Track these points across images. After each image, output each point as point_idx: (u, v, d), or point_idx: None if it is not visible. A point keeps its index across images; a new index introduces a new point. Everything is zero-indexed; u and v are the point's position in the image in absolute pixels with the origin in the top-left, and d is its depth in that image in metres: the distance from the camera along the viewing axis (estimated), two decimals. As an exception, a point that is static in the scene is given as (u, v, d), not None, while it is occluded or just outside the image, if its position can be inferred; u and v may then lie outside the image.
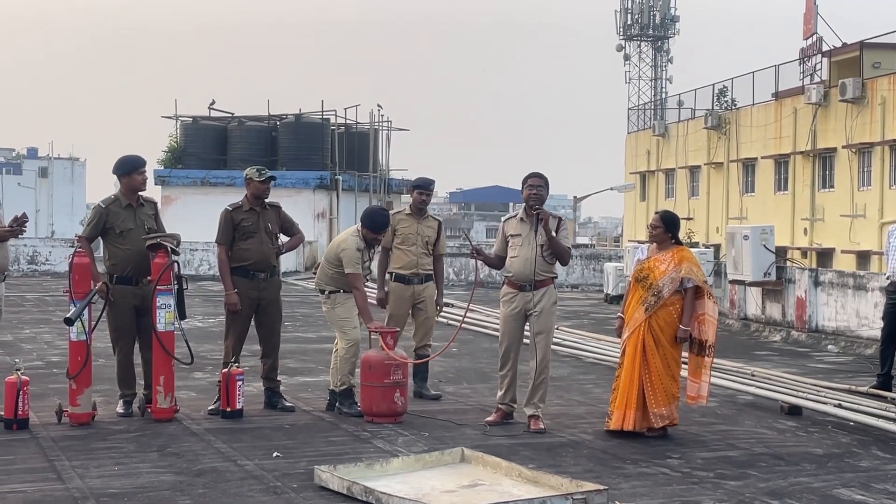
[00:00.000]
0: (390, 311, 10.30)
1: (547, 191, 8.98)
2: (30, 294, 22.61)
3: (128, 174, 9.16)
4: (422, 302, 10.31)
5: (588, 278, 29.09)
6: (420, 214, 10.40)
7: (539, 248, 8.84)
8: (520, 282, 8.93)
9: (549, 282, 9.00)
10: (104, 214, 9.09)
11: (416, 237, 10.25)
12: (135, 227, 9.07)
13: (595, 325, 18.24)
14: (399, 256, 10.26)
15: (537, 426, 8.87)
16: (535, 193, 8.88)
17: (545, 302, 8.94)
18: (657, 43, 63.59)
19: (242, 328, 9.53)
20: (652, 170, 49.54)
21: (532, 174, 9.00)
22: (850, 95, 33.57)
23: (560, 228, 8.96)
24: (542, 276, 8.91)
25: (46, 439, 8.20)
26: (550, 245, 8.85)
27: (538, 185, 8.91)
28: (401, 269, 10.25)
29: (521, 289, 8.92)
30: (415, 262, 10.23)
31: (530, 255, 8.84)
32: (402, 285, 10.25)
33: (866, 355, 14.50)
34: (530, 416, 8.94)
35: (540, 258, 8.86)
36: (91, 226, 9.13)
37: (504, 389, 9.12)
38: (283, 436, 8.51)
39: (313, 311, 18.45)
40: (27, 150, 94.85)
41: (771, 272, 17.25)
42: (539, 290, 8.91)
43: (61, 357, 11.80)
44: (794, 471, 7.67)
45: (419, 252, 10.25)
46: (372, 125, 38.00)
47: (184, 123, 37.80)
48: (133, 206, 9.15)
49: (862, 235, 33.67)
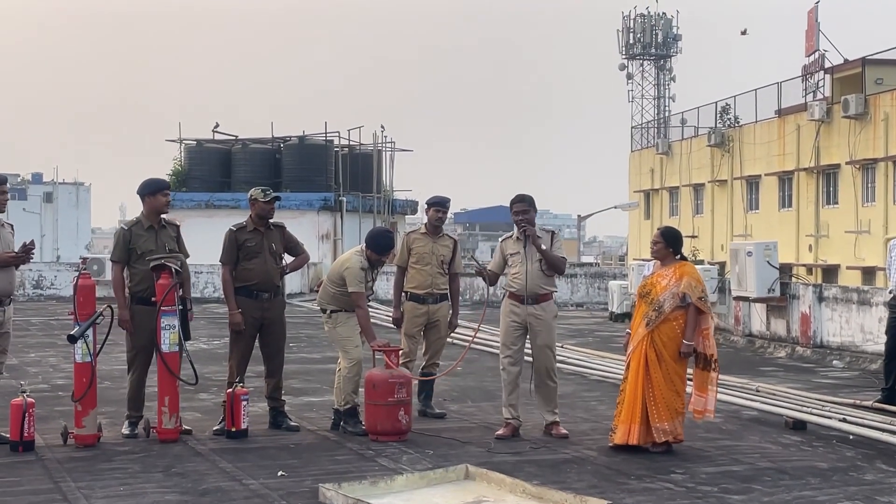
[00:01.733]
0: (404, 331, 10.33)
1: (534, 211, 9.39)
2: (35, 318, 22.66)
3: (151, 194, 9.30)
4: (436, 321, 10.33)
5: (593, 296, 29.10)
6: (436, 233, 10.44)
7: (538, 262, 9.26)
8: (522, 295, 9.26)
9: (550, 296, 9.44)
10: (128, 235, 9.19)
11: (431, 256, 10.29)
12: (156, 248, 9.16)
13: (600, 342, 18.24)
14: (414, 276, 10.30)
15: (560, 432, 9.23)
16: (523, 219, 9.31)
17: (547, 315, 9.36)
18: (660, 61, 63.86)
19: (247, 348, 9.56)
20: (656, 188, 49.63)
21: (516, 199, 9.41)
22: (852, 112, 33.65)
23: (554, 241, 9.38)
24: (543, 289, 9.34)
25: (52, 461, 8.21)
26: (544, 258, 9.22)
27: (524, 209, 9.34)
28: (415, 289, 10.29)
29: (523, 302, 9.28)
30: (430, 281, 10.27)
31: (530, 270, 9.23)
32: (417, 304, 10.28)
33: (871, 370, 14.48)
34: (551, 423, 9.33)
35: (539, 272, 9.28)
36: (119, 248, 9.22)
37: (511, 403, 9.35)
38: (287, 455, 8.53)
39: (317, 332, 18.45)
40: (32, 176, 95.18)
41: (775, 288, 17.25)
42: (540, 304, 9.33)
43: (66, 380, 11.82)
44: (798, 485, 7.67)
45: (434, 272, 10.28)
46: (375, 146, 38.09)
47: (188, 146, 37.88)
48: (155, 227, 9.25)
49: (866, 251, 33.68)
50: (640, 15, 63.30)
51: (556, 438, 9.15)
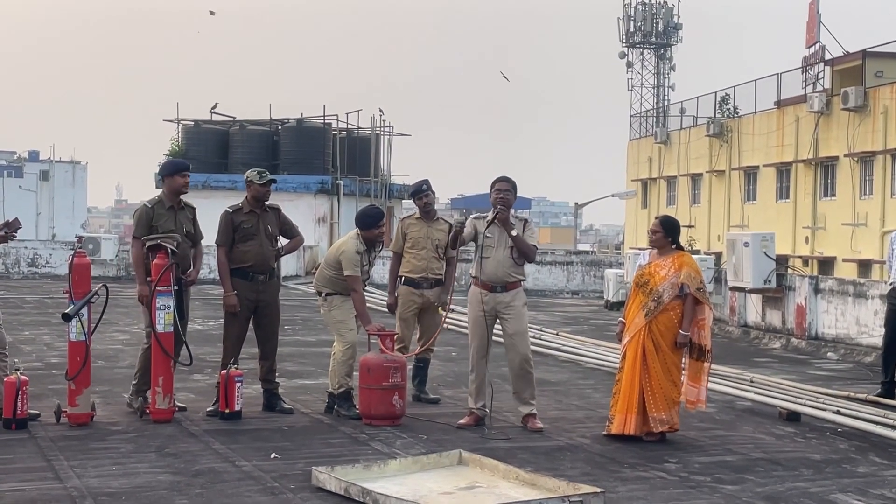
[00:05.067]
0: (399, 314, 10.29)
1: (514, 195, 9.18)
2: (30, 296, 22.62)
3: (171, 175, 9.44)
4: (430, 306, 10.30)
5: (588, 285, 29.08)
6: (430, 217, 10.39)
7: (509, 249, 9.02)
8: (492, 283, 9.06)
9: (519, 284, 9.19)
10: (150, 213, 9.24)
11: (426, 241, 10.24)
12: (174, 228, 9.22)
13: (595, 331, 18.24)
14: (409, 261, 10.25)
15: (535, 425, 8.94)
16: (502, 197, 9.07)
17: (517, 303, 9.13)
18: (660, 50, 63.68)
19: (241, 330, 9.55)
20: (654, 177, 49.57)
21: (500, 178, 9.21)
22: (852, 104, 33.59)
23: (526, 229, 9.14)
24: (512, 277, 9.10)
25: (45, 439, 8.21)
26: (515, 244, 8.99)
27: (505, 189, 9.11)
28: (410, 274, 10.25)
29: (493, 290, 9.06)
30: (425, 266, 10.23)
31: (501, 257, 9.01)
32: (412, 288, 10.24)
33: (866, 363, 14.49)
34: (527, 416, 9.02)
35: (509, 260, 9.05)
36: (141, 225, 9.25)
37: (476, 394, 9.15)
38: (281, 437, 8.52)
39: (313, 315, 18.43)
40: (28, 153, 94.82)
41: (771, 279, 17.25)
42: (510, 292, 9.08)
43: (61, 358, 11.80)
44: (791, 476, 7.67)
45: (429, 256, 10.24)
46: (373, 130, 38.02)
47: (185, 127, 37.78)
48: (175, 208, 9.35)
49: (863, 244, 33.67)
50: (641, 3, 63.09)
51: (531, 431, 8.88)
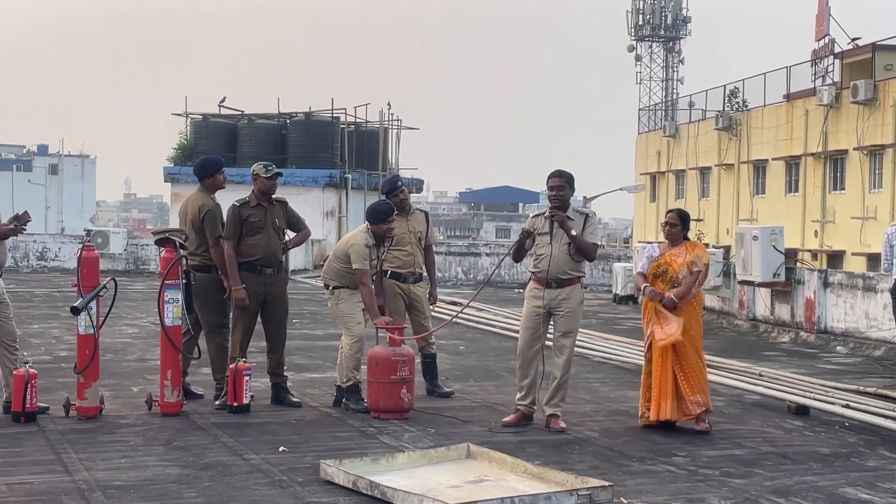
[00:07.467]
0: (390, 310, 10.27)
1: (570, 190, 8.86)
2: (39, 290, 22.67)
3: (212, 175, 9.68)
4: (417, 301, 10.30)
5: (597, 278, 29.03)
6: (406, 211, 10.38)
7: (566, 245, 8.74)
8: (546, 279, 8.81)
9: (576, 280, 8.88)
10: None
11: (408, 235, 10.24)
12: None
13: (603, 324, 18.21)
14: (397, 256, 10.23)
15: (558, 425, 8.78)
16: (555, 195, 8.79)
17: (572, 301, 8.84)
18: (668, 44, 63.51)
19: (249, 323, 9.55)
20: (662, 171, 49.50)
21: (553, 173, 8.88)
22: (861, 97, 33.50)
23: (587, 225, 8.84)
24: (568, 274, 8.81)
25: (54, 432, 8.22)
26: (573, 243, 8.73)
27: (558, 185, 8.79)
28: (397, 268, 10.23)
29: (548, 286, 8.80)
30: (411, 260, 10.23)
31: (557, 253, 8.76)
32: (397, 282, 10.23)
33: (875, 357, 14.46)
34: (551, 416, 8.85)
35: (566, 256, 8.78)
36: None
37: (525, 391, 8.92)
38: (289, 431, 8.53)
39: (321, 309, 18.44)
40: (37, 147, 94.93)
41: (780, 273, 17.21)
42: (565, 289, 8.81)
43: (69, 352, 11.83)
44: (800, 469, 7.65)
45: (415, 250, 10.25)
46: (382, 124, 37.99)
47: (194, 121, 37.81)
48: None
49: (872, 238, 33.55)
50: (650, -4, 62.94)
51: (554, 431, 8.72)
